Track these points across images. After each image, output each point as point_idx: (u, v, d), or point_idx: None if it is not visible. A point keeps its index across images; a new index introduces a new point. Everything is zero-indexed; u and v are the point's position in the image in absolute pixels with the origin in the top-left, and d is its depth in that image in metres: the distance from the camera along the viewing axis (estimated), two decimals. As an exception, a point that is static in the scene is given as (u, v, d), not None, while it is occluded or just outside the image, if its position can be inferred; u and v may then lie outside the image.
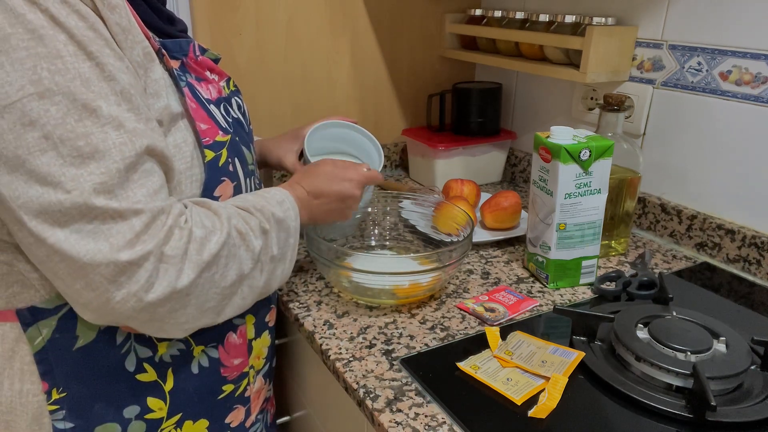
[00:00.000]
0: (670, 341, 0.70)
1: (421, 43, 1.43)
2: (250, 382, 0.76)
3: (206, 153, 0.64)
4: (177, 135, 0.61)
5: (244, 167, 0.70)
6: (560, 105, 1.29)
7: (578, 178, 0.85)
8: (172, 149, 0.60)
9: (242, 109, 0.77)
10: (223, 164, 0.66)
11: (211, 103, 0.68)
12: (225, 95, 0.72)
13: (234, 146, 0.68)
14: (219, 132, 0.66)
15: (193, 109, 0.63)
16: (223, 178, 0.66)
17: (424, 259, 0.87)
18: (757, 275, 0.95)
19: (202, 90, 0.67)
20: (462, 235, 0.90)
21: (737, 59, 0.94)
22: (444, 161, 1.33)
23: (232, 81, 0.75)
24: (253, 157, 0.76)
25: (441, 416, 0.64)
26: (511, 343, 0.75)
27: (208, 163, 0.64)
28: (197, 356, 0.69)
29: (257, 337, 0.77)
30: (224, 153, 0.66)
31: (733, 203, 0.99)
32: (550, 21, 1.16)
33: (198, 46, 0.69)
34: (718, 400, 0.62)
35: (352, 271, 0.81)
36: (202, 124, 0.64)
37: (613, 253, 1.03)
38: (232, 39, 1.21)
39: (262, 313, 0.77)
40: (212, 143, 0.64)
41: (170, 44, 0.64)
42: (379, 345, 0.76)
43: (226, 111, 0.70)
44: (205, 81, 0.68)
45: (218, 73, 0.72)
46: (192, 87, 0.65)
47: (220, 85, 0.72)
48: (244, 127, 0.74)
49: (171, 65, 0.62)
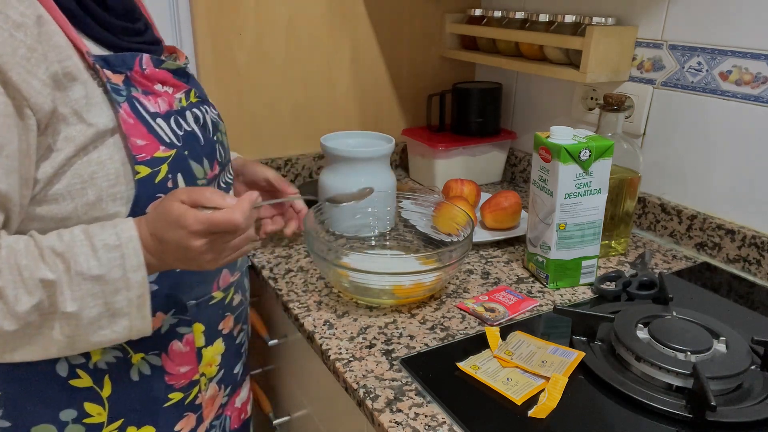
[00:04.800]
0: (670, 341, 0.70)
1: (421, 43, 1.44)
2: (201, 389, 0.76)
3: (139, 169, 0.63)
4: (102, 151, 0.61)
5: (191, 183, 0.68)
6: (560, 105, 1.29)
7: (578, 178, 0.85)
8: (93, 166, 0.60)
9: (201, 120, 0.73)
10: (160, 181, 0.64)
11: (158, 117, 0.66)
12: (177, 108, 0.70)
13: (179, 161, 0.66)
14: (160, 147, 0.65)
15: (130, 124, 0.63)
16: (159, 194, 0.65)
17: (425, 259, 0.87)
18: (757, 275, 0.95)
19: (148, 104, 0.66)
20: (462, 235, 0.90)
21: (737, 59, 0.94)
22: (444, 161, 1.33)
23: (194, 92, 0.73)
24: (210, 172, 0.72)
25: (441, 416, 0.64)
26: (511, 343, 0.75)
27: (141, 180, 0.63)
28: (136, 364, 0.69)
29: (208, 345, 0.76)
30: (163, 169, 0.65)
31: (733, 203, 0.99)
32: (550, 21, 1.16)
33: (153, 59, 0.67)
34: (718, 400, 0.62)
35: (352, 271, 0.81)
36: (139, 140, 0.63)
37: (613, 253, 1.03)
38: (232, 39, 1.21)
39: (212, 321, 0.76)
40: (149, 159, 0.63)
41: (113, 59, 0.63)
42: (379, 345, 0.76)
43: (177, 124, 0.68)
44: (154, 94, 0.67)
45: (174, 85, 0.70)
46: (135, 101, 0.64)
47: (175, 97, 0.70)
48: (199, 140, 0.71)
49: (106, 80, 0.61)
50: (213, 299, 0.76)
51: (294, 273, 0.95)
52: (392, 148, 1.04)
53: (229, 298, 0.79)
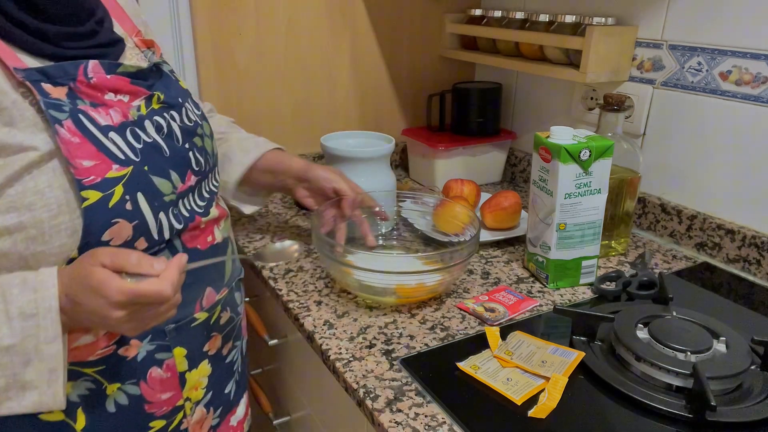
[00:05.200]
0: (670, 341, 0.70)
1: (421, 43, 1.44)
2: (186, 414, 0.71)
3: (87, 195, 0.56)
4: (40, 179, 0.55)
5: (155, 201, 0.61)
6: (560, 105, 1.29)
7: (578, 178, 0.85)
8: (30, 196, 0.54)
9: (165, 129, 0.66)
10: (115, 204, 0.58)
11: (111, 131, 0.59)
12: (134, 119, 0.62)
13: (137, 179, 0.60)
14: (113, 166, 0.58)
15: (74, 144, 0.56)
16: (116, 219, 0.58)
17: (427, 260, 0.86)
18: (757, 275, 0.95)
19: (99, 116, 0.59)
20: (469, 234, 0.90)
21: (737, 59, 0.94)
22: (444, 161, 1.33)
23: (157, 98, 0.66)
24: (182, 184, 0.66)
25: (441, 416, 0.64)
26: (511, 343, 0.75)
27: (90, 206, 0.56)
28: (112, 394, 0.64)
29: (192, 369, 0.71)
30: (118, 191, 0.58)
31: (733, 203, 0.99)
32: (550, 21, 1.16)
33: (103, 64, 0.60)
34: (718, 400, 0.62)
35: (359, 270, 0.80)
36: (86, 160, 0.56)
37: (613, 253, 1.03)
38: (232, 39, 1.21)
39: (195, 344, 0.71)
40: (99, 182, 0.57)
41: (51, 70, 0.57)
42: (379, 345, 0.76)
43: (134, 136, 0.61)
44: (105, 105, 0.60)
45: (130, 92, 0.63)
46: (82, 115, 0.57)
47: (131, 106, 0.62)
48: (162, 151, 0.64)
49: (40, 97, 0.55)
50: (195, 321, 0.70)
51: (294, 273, 0.95)
52: (392, 148, 1.04)
53: (216, 317, 0.74)
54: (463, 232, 0.93)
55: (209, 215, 0.71)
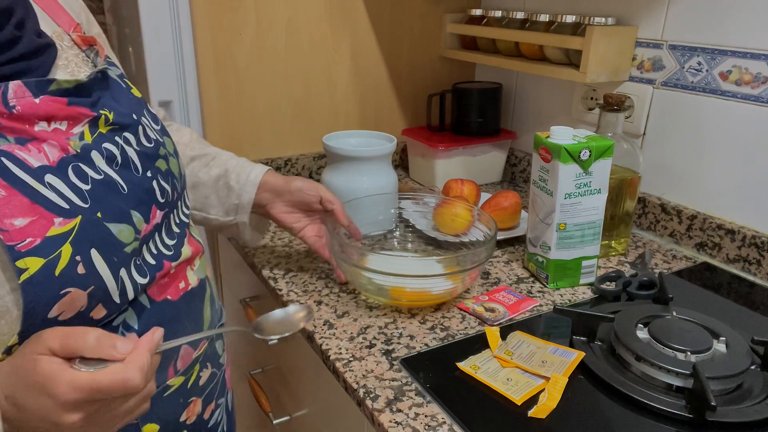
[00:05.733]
0: (670, 341, 0.70)
1: (421, 43, 1.43)
2: None
3: (25, 264, 0.42)
4: None
5: (114, 255, 0.48)
6: (560, 105, 1.29)
7: (578, 178, 0.85)
8: None
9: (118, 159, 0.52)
10: (63, 270, 0.44)
11: (48, 172, 0.46)
12: (76, 151, 0.48)
13: (88, 231, 0.46)
14: (55, 220, 0.44)
15: (1, 198, 0.42)
16: (67, 289, 0.45)
17: (446, 261, 0.84)
18: (757, 275, 0.95)
19: (29, 156, 0.45)
20: (489, 235, 0.89)
21: (737, 59, 0.94)
22: (444, 161, 1.33)
23: (104, 119, 0.51)
24: (146, 225, 0.53)
25: (441, 416, 0.64)
26: (511, 343, 0.75)
27: (31, 279, 0.43)
28: None
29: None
30: (66, 251, 0.44)
31: (733, 203, 0.99)
32: (550, 21, 1.16)
33: (30, 84, 0.46)
34: (718, 400, 0.62)
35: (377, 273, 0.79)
36: (19, 218, 0.43)
37: (613, 253, 1.03)
38: (232, 39, 1.21)
39: (170, 416, 0.58)
40: (39, 244, 0.43)
41: None
42: (379, 345, 0.76)
43: (79, 175, 0.48)
44: (36, 140, 0.46)
45: (68, 116, 0.48)
46: (6, 159, 0.44)
47: (71, 135, 0.48)
48: (118, 187, 0.51)
49: None
50: (169, 388, 0.57)
51: (294, 273, 0.95)
52: (394, 147, 1.04)
53: (194, 378, 0.61)
54: (468, 231, 0.93)
55: (181, 256, 0.58)
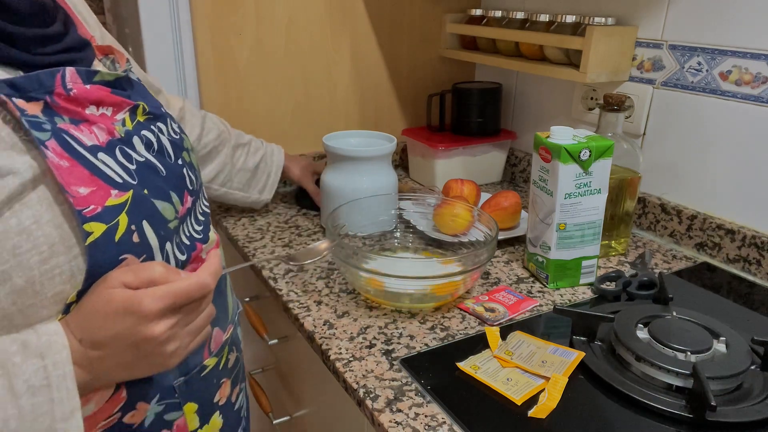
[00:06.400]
0: (670, 341, 0.70)
1: (421, 43, 1.44)
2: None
3: (90, 228, 0.46)
4: (23, 214, 0.44)
5: (161, 229, 0.53)
6: (560, 105, 1.29)
7: (578, 178, 0.85)
8: (14, 237, 0.44)
9: (155, 146, 0.57)
10: (122, 236, 0.49)
11: (100, 151, 0.50)
12: (121, 135, 0.53)
13: (140, 205, 0.51)
14: (112, 192, 0.49)
15: (65, 168, 0.46)
16: (124, 255, 0.49)
17: (447, 262, 0.84)
18: (757, 275, 0.95)
19: (82, 135, 0.49)
20: (489, 236, 0.89)
21: (737, 59, 0.94)
22: (444, 161, 1.33)
23: (141, 109, 0.56)
24: (182, 207, 0.57)
25: (441, 416, 0.64)
26: (511, 343, 0.75)
27: (95, 242, 0.47)
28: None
29: (203, 425, 0.63)
30: (123, 220, 0.49)
31: (733, 203, 0.99)
32: (550, 21, 1.16)
33: (80, 72, 0.50)
34: (718, 400, 0.62)
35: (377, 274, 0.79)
36: (82, 187, 0.47)
37: (613, 253, 1.03)
38: (232, 39, 1.21)
39: (207, 395, 0.63)
40: (101, 211, 0.47)
41: (23, 81, 0.46)
42: (379, 345, 0.76)
43: (125, 156, 0.52)
44: (87, 122, 0.50)
45: (113, 103, 0.53)
46: (65, 135, 0.48)
47: (115, 120, 0.53)
48: (157, 170, 0.55)
49: (19, 114, 0.45)
50: (205, 369, 0.62)
51: (294, 273, 0.95)
52: (394, 147, 1.04)
53: (224, 360, 0.66)
54: (468, 231, 0.93)
55: (209, 240, 0.63)
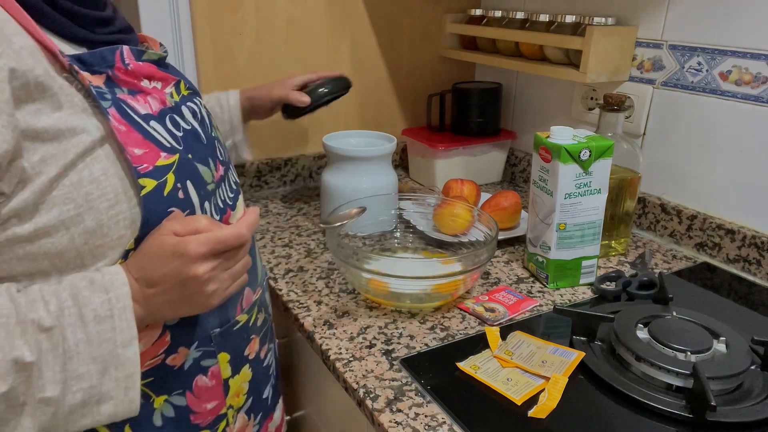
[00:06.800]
0: (670, 341, 0.70)
1: (421, 43, 1.44)
2: (229, 422, 0.69)
3: (144, 183, 0.54)
4: (94, 167, 0.52)
5: (201, 190, 0.60)
6: (560, 105, 1.29)
7: (578, 178, 0.85)
8: (87, 185, 0.52)
9: (199, 115, 0.65)
10: (170, 192, 0.56)
11: (152, 119, 0.57)
12: (171, 105, 0.61)
13: (185, 167, 0.58)
14: (161, 154, 0.56)
15: (123, 132, 0.54)
16: (171, 209, 0.57)
17: (447, 262, 0.84)
18: (757, 275, 0.95)
19: (138, 105, 0.57)
20: (489, 236, 0.89)
21: (737, 59, 0.94)
22: (444, 161, 1.33)
23: (183, 84, 0.65)
24: (216, 173, 0.65)
25: (441, 416, 0.64)
26: (511, 343, 0.75)
27: (148, 194, 0.54)
28: (159, 407, 0.62)
29: (234, 375, 0.69)
30: (170, 178, 0.56)
31: (733, 203, 0.99)
32: (550, 21, 1.16)
33: (133, 50, 0.58)
34: (718, 400, 0.62)
35: (377, 274, 0.79)
36: (137, 148, 0.54)
37: (613, 253, 1.03)
38: (232, 39, 1.21)
39: (238, 348, 0.69)
40: (152, 169, 0.55)
41: (89, 57, 0.54)
42: (379, 345, 0.76)
43: (174, 124, 0.60)
44: (142, 93, 0.58)
45: (161, 78, 0.61)
46: (123, 104, 0.55)
47: (165, 92, 0.61)
48: (200, 138, 0.63)
49: (88, 83, 0.52)
50: (237, 323, 0.68)
51: (294, 273, 0.95)
52: (394, 147, 1.04)
53: (254, 318, 0.72)
54: (468, 231, 0.93)
55: (237, 209, 0.70)
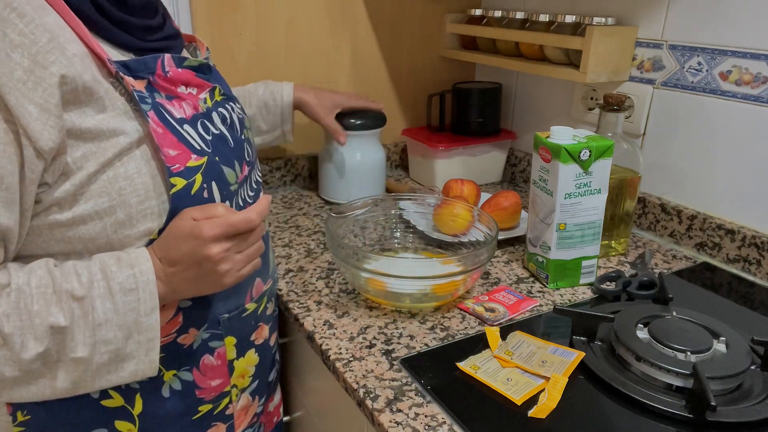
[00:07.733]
0: (670, 341, 0.70)
1: (421, 43, 1.44)
2: (232, 400, 0.75)
3: (175, 182, 0.60)
4: (129, 165, 0.58)
5: (224, 190, 0.65)
6: (560, 105, 1.29)
7: (578, 178, 0.85)
8: (121, 181, 0.58)
9: (228, 121, 0.70)
10: (196, 191, 0.62)
11: (185, 123, 0.63)
12: (203, 111, 0.66)
13: (211, 169, 0.63)
14: (192, 156, 0.61)
15: (159, 134, 0.59)
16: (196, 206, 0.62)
17: (447, 262, 0.84)
18: (757, 275, 0.95)
19: (173, 109, 0.62)
20: (490, 236, 0.89)
21: (737, 59, 0.94)
22: (444, 161, 1.33)
23: (218, 90, 0.70)
24: (240, 174, 0.70)
25: (441, 416, 0.64)
26: (511, 343, 0.75)
27: (177, 192, 0.60)
28: (168, 380, 0.68)
29: (240, 357, 0.75)
30: (198, 179, 0.62)
31: (733, 203, 0.99)
32: (550, 21, 1.16)
33: (174, 58, 0.63)
34: (718, 400, 0.62)
35: (377, 274, 0.79)
36: (171, 149, 0.60)
37: (613, 253, 1.03)
38: (232, 39, 1.21)
39: (244, 333, 0.75)
40: (183, 170, 0.60)
41: (133, 64, 0.59)
42: (379, 345, 0.76)
43: (204, 128, 0.65)
44: (178, 98, 0.63)
45: (197, 85, 0.66)
46: (161, 108, 0.61)
47: (199, 98, 0.66)
48: (228, 142, 0.68)
49: (131, 88, 0.58)
50: (246, 311, 0.74)
51: (294, 273, 0.95)
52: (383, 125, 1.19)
53: (262, 308, 0.78)
54: (468, 231, 0.92)
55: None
